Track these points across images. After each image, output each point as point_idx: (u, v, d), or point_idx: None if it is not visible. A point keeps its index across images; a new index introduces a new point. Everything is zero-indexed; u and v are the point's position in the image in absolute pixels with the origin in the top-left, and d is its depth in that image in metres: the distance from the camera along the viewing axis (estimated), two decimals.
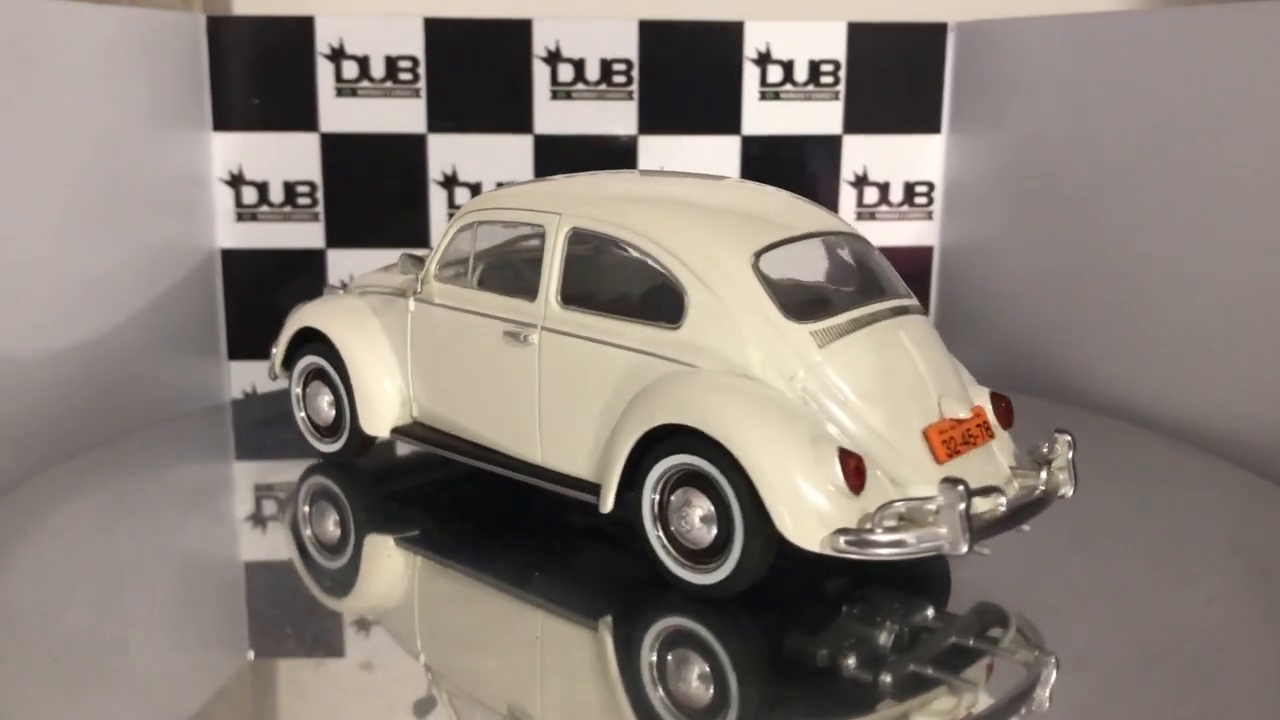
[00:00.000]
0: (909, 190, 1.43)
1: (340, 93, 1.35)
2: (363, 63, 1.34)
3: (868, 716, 0.64)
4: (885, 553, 0.69)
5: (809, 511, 0.70)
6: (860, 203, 1.42)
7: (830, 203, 1.42)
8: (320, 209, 1.38)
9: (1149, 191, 1.13)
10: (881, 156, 1.41)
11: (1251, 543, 0.88)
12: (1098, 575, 0.82)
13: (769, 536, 0.71)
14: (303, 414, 1.01)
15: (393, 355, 0.95)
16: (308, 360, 1.00)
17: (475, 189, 1.38)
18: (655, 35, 1.36)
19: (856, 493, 0.70)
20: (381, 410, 0.95)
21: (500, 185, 1.37)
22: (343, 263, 1.39)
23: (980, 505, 0.72)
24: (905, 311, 0.80)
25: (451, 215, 1.38)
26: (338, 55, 1.34)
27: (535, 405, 0.84)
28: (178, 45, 1.29)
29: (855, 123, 1.40)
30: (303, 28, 1.34)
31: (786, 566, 0.74)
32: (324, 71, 1.34)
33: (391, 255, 1.40)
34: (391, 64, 1.35)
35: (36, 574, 0.80)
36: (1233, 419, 1.05)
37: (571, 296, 0.83)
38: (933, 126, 1.41)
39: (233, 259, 1.38)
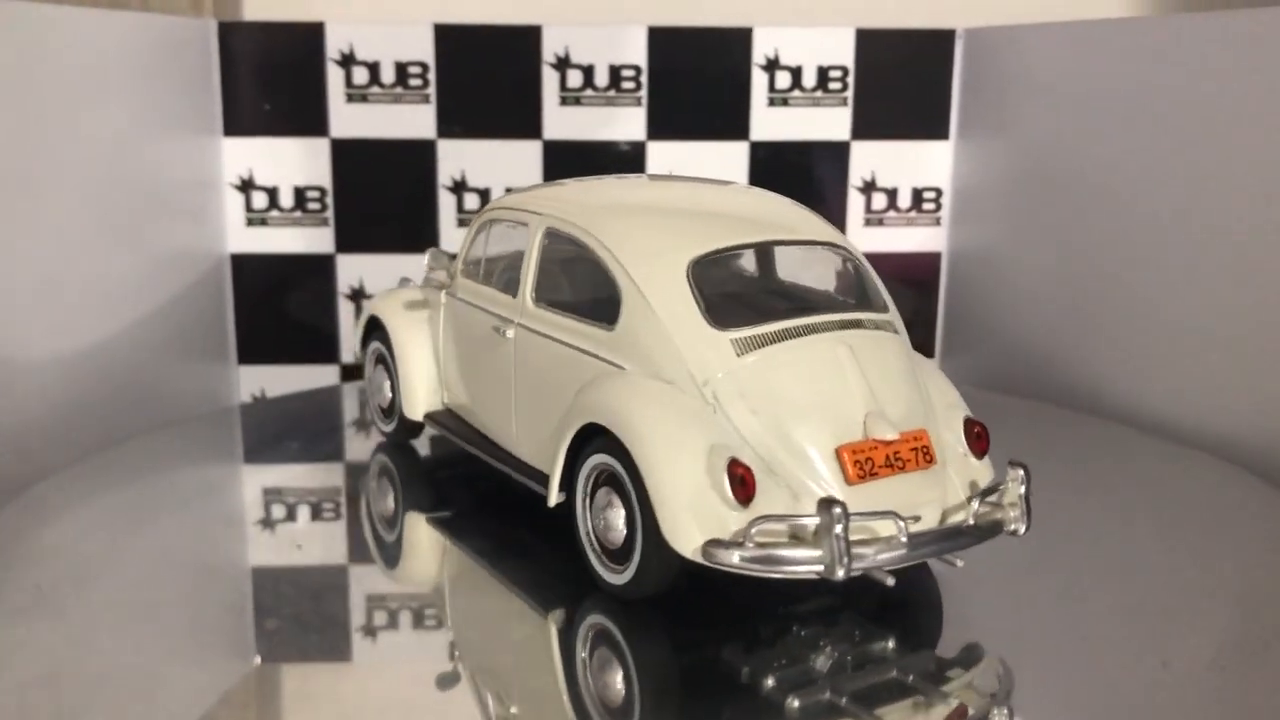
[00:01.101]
0: (917, 196, 1.43)
1: (350, 98, 1.36)
2: (373, 68, 1.35)
3: None
4: (754, 568, 0.67)
5: (688, 518, 0.69)
6: (868, 208, 1.43)
7: (838, 208, 1.42)
8: (330, 214, 1.38)
9: (1156, 197, 1.13)
10: (889, 162, 1.41)
11: (1257, 548, 0.88)
12: (1107, 606, 0.80)
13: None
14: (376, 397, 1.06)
15: (429, 345, 1.00)
16: (374, 345, 1.05)
17: (484, 194, 1.38)
18: (664, 41, 1.36)
19: (743, 504, 0.69)
20: (418, 396, 1.00)
21: (509, 190, 1.38)
22: (352, 267, 1.40)
23: (881, 530, 0.69)
24: (861, 326, 0.77)
25: (461, 220, 1.39)
26: (348, 61, 1.35)
27: (511, 398, 0.88)
28: (189, 51, 1.30)
29: (863, 128, 1.40)
30: (313, 34, 1.34)
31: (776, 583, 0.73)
32: (334, 77, 1.35)
33: (401, 260, 1.42)
34: (401, 70, 1.35)
35: (45, 576, 0.81)
36: (1239, 424, 1.04)
37: (543, 294, 0.86)
38: (940, 132, 1.41)
39: (242, 263, 1.39)
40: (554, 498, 0.80)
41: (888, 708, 0.65)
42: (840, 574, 0.66)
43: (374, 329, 1.05)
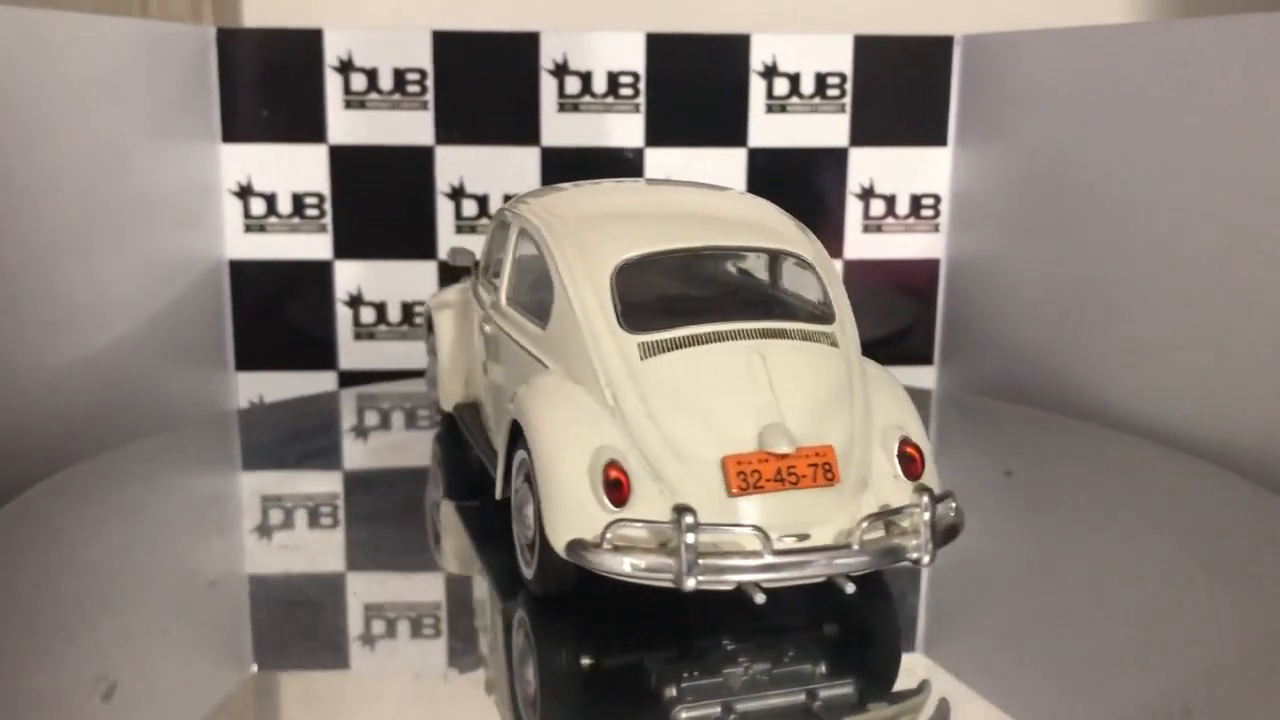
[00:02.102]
0: (915, 203, 1.43)
1: (349, 105, 1.36)
2: (371, 75, 1.35)
3: None
4: (607, 570, 0.68)
5: (562, 515, 0.70)
6: (867, 215, 1.43)
7: (837, 215, 1.42)
8: (328, 220, 1.38)
9: (1154, 203, 1.13)
10: (888, 169, 1.42)
11: (1256, 553, 0.88)
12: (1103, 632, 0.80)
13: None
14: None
15: (460, 341, 1.04)
16: (430, 339, 1.12)
17: (482, 200, 1.38)
18: (662, 48, 1.37)
19: (617, 506, 0.69)
20: (447, 389, 1.05)
21: (506, 196, 1.39)
22: (350, 274, 1.40)
23: (746, 544, 0.67)
24: (785, 335, 0.75)
25: (459, 227, 1.39)
26: (346, 67, 1.35)
27: (489, 391, 0.92)
28: (187, 57, 1.30)
29: (862, 135, 1.40)
30: (311, 40, 1.34)
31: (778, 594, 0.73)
32: (332, 83, 1.35)
33: (399, 267, 1.42)
34: (400, 76, 1.35)
35: (41, 579, 0.81)
36: (1237, 430, 1.04)
37: (513, 294, 0.89)
38: (939, 139, 1.41)
39: (241, 270, 1.39)
40: (499, 491, 0.82)
41: None
42: (690, 584, 0.66)
43: (430, 323, 1.11)
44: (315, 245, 1.39)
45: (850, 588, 0.69)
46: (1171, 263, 1.12)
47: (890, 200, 1.43)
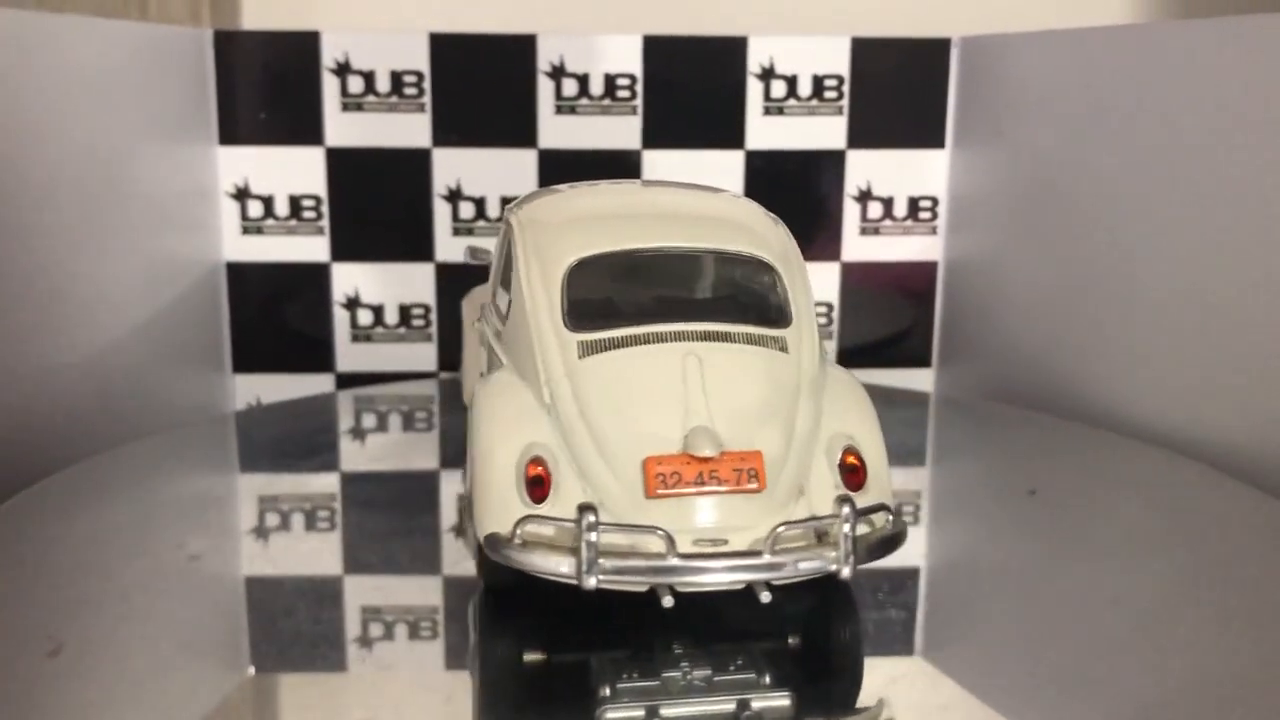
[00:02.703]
0: (913, 205, 1.43)
1: (346, 107, 1.36)
2: (368, 77, 1.35)
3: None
4: (515, 564, 0.68)
5: (486, 510, 0.71)
6: (864, 217, 1.43)
7: (834, 217, 1.42)
8: (325, 223, 1.38)
9: (1152, 205, 1.13)
10: (885, 171, 1.42)
11: (1257, 558, 0.88)
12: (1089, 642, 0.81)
13: None
14: None
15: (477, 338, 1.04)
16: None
17: (480, 203, 1.38)
18: (659, 50, 1.37)
19: (536, 502, 0.70)
20: (467, 384, 1.07)
21: (504, 198, 1.39)
22: (347, 276, 1.39)
23: (651, 545, 0.67)
24: (728, 339, 0.74)
25: (456, 229, 1.39)
26: (343, 70, 1.35)
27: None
28: (185, 60, 1.30)
29: (859, 138, 1.40)
30: (309, 43, 1.34)
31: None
32: (330, 86, 1.35)
33: (397, 269, 1.42)
34: (397, 79, 1.35)
35: (36, 582, 0.80)
36: (1238, 434, 1.04)
37: (501, 288, 0.89)
38: (937, 141, 1.41)
39: (238, 272, 1.38)
40: (463, 487, 0.83)
41: None
42: (590, 582, 0.66)
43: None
44: (312, 247, 1.39)
45: (766, 596, 0.68)
46: (1170, 264, 1.12)
47: (888, 203, 1.43)
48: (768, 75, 1.38)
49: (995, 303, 1.36)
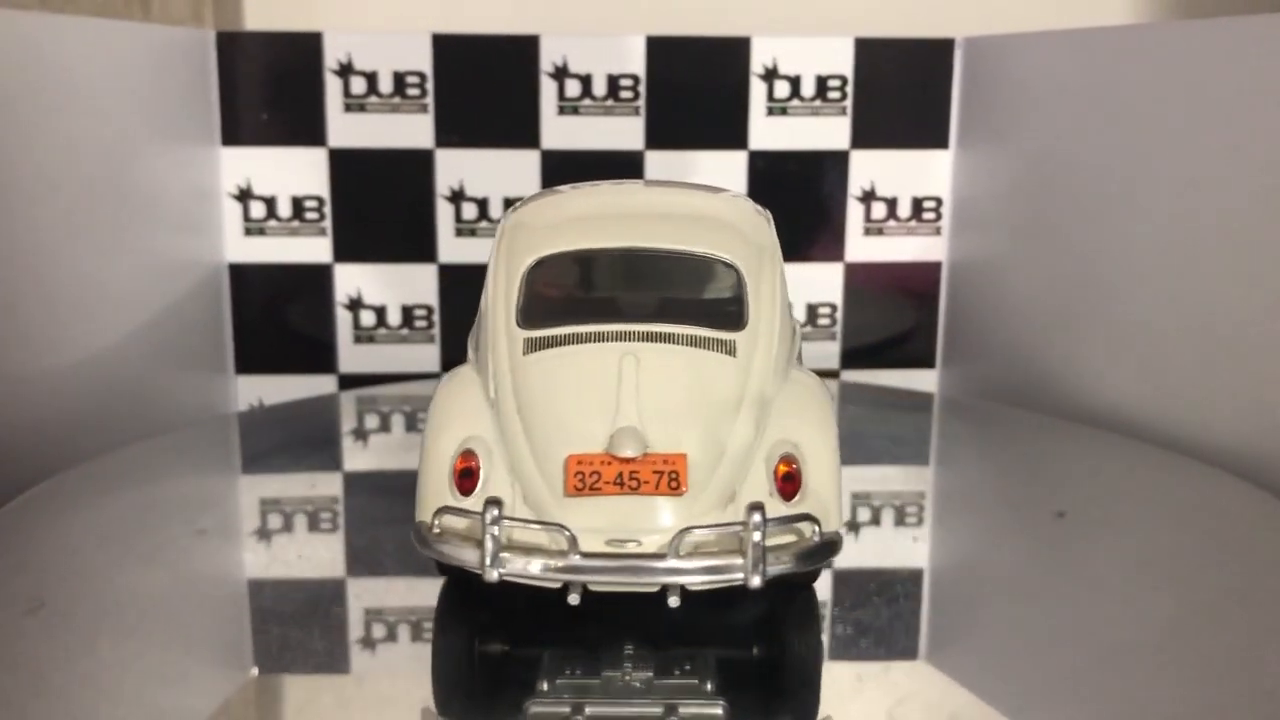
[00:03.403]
0: (917, 205, 1.43)
1: (348, 108, 1.36)
2: (371, 78, 1.35)
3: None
4: (430, 554, 0.70)
5: (420, 501, 0.72)
6: (868, 218, 1.42)
7: (838, 218, 1.42)
8: (328, 224, 1.38)
9: (1156, 205, 1.13)
10: (889, 172, 1.41)
11: (1262, 561, 0.88)
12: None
13: None
14: None
15: None
16: None
17: (482, 204, 1.38)
18: (662, 51, 1.36)
19: (464, 494, 0.71)
20: None
21: (509, 201, 1.39)
22: (350, 277, 1.39)
23: (551, 543, 0.68)
24: (671, 340, 0.74)
25: (459, 230, 1.39)
26: (346, 71, 1.35)
27: None
28: (187, 61, 1.30)
29: (863, 138, 1.40)
30: (311, 44, 1.34)
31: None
32: (332, 87, 1.35)
33: (399, 270, 1.42)
34: (399, 80, 1.35)
35: (38, 583, 0.80)
36: (1244, 435, 1.04)
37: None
38: (940, 142, 1.41)
39: (240, 273, 1.38)
40: None
41: None
42: (493, 575, 0.67)
43: None
44: (315, 248, 1.38)
45: (674, 601, 0.67)
46: (1175, 265, 1.11)
47: (892, 203, 1.42)
48: (771, 76, 1.38)
49: (999, 303, 1.36)
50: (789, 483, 0.70)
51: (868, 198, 1.42)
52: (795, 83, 1.38)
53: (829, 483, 0.72)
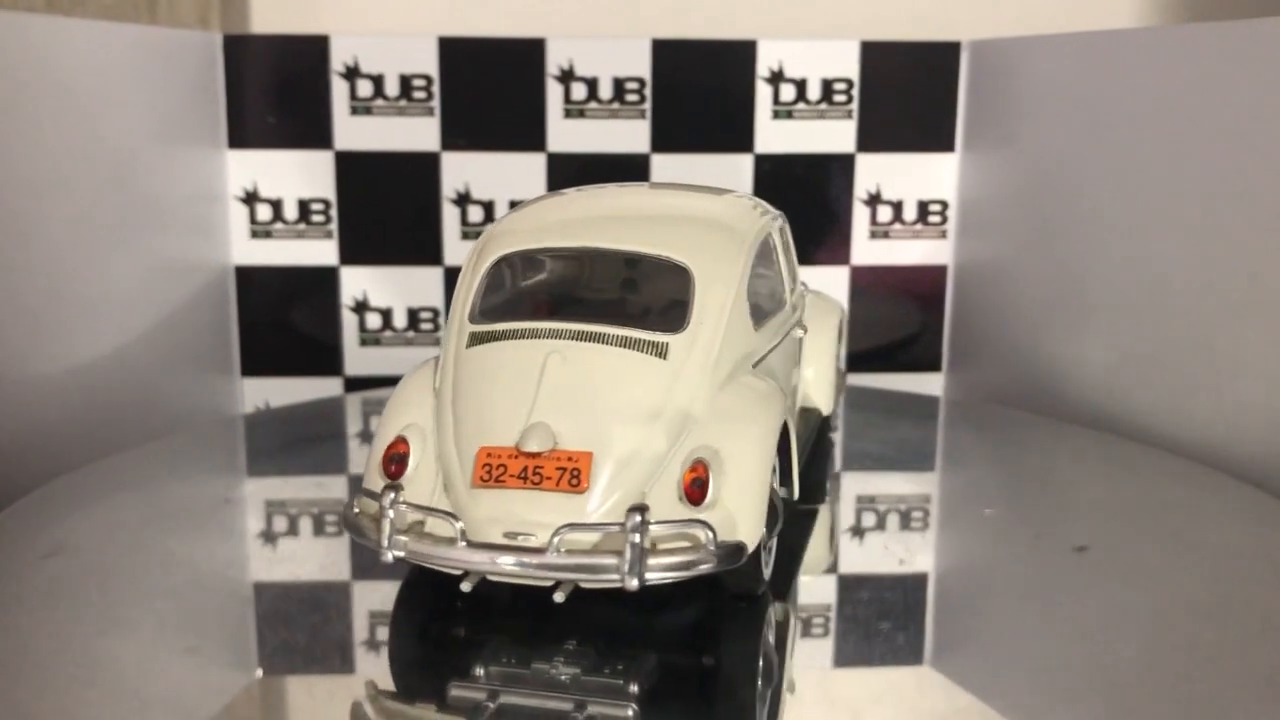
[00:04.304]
0: (923, 209, 1.43)
1: (355, 111, 1.36)
2: (377, 81, 1.35)
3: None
4: (349, 531, 0.74)
5: (364, 486, 0.76)
6: (874, 221, 1.42)
7: (844, 221, 1.42)
8: (334, 226, 1.38)
9: (1163, 209, 1.13)
10: (895, 175, 1.41)
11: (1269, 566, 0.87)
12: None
13: None
14: None
15: None
16: None
17: (488, 207, 1.38)
18: (668, 54, 1.36)
19: (393, 479, 0.73)
20: None
21: (512, 202, 1.39)
22: (356, 280, 1.40)
23: (442, 530, 0.70)
24: (602, 340, 0.74)
25: (465, 233, 1.39)
26: (352, 74, 1.35)
27: None
28: (194, 64, 1.30)
29: (869, 141, 1.40)
30: (318, 47, 1.35)
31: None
32: (339, 90, 1.35)
33: (405, 273, 1.42)
34: (406, 83, 1.35)
35: (42, 585, 0.80)
36: (1251, 440, 1.04)
37: None
38: (946, 145, 1.41)
39: (247, 275, 1.39)
40: None
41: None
42: (387, 557, 0.70)
43: None
44: (321, 251, 1.39)
45: (559, 596, 0.69)
46: (1182, 268, 1.11)
47: (897, 206, 1.42)
48: (777, 79, 1.38)
49: (1005, 307, 1.36)
50: (696, 489, 0.70)
51: (873, 201, 1.42)
52: (801, 86, 1.38)
53: (746, 493, 0.71)
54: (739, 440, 0.72)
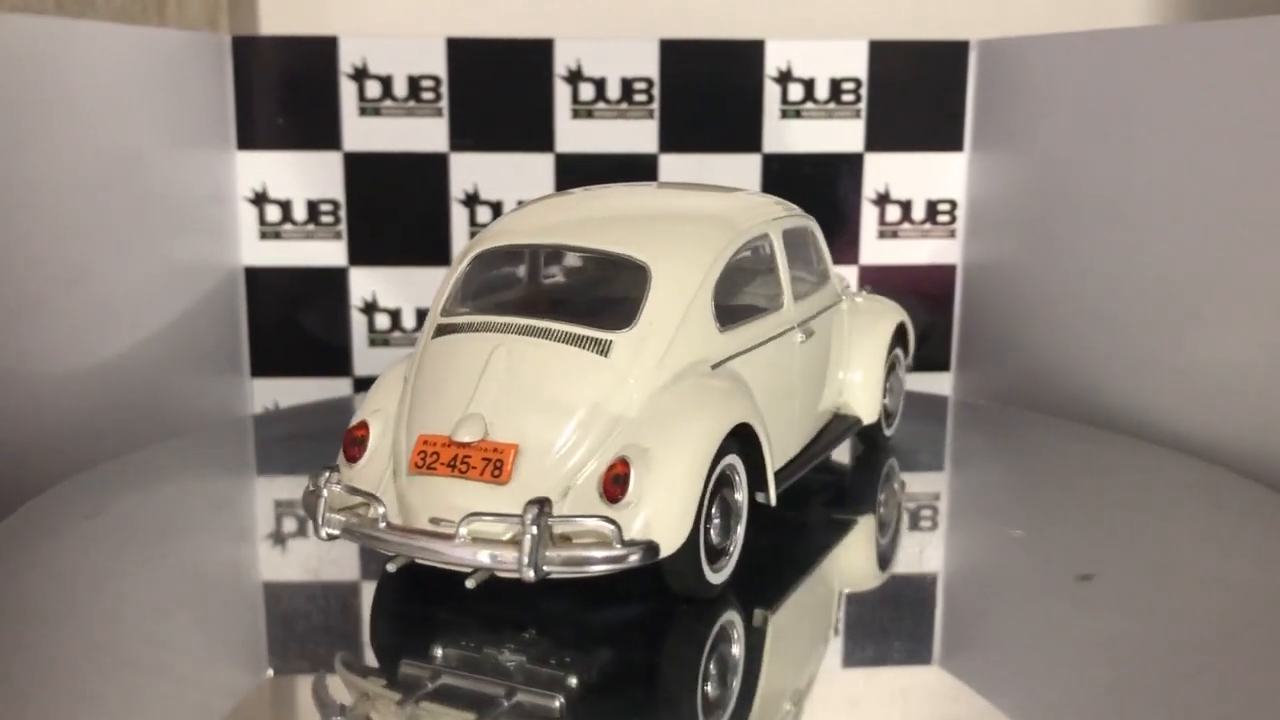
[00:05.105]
0: (931, 208, 1.42)
1: (363, 112, 1.36)
2: (386, 82, 1.35)
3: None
4: (306, 512, 0.76)
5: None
6: (882, 220, 1.42)
7: (852, 221, 1.41)
8: (343, 227, 1.38)
9: (1173, 208, 1.13)
10: (903, 174, 1.41)
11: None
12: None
13: None
14: None
15: None
16: None
17: (497, 207, 1.38)
18: (676, 54, 1.36)
19: (352, 461, 0.77)
20: None
21: (520, 203, 1.39)
22: (365, 281, 1.40)
23: (367, 512, 0.74)
24: (547, 335, 0.75)
25: (473, 234, 1.39)
26: (361, 75, 1.35)
27: None
28: (203, 65, 1.31)
29: (877, 141, 1.40)
30: (326, 48, 1.35)
31: None
32: (347, 91, 1.35)
33: (414, 273, 1.42)
34: (414, 84, 1.36)
35: (54, 585, 0.81)
36: (1260, 440, 1.03)
37: None
38: (955, 144, 1.41)
39: (256, 276, 1.39)
40: None
41: (454, 715, 0.66)
42: (321, 534, 0.74)
43: None
44: (330, 252, 1.39)
45: (470, 583, 0.71)
46: (1192, 267, 1.11)
47: (906, 206, 1.42)
48: (785, 78, 1.38)
49: (1014, 306, 1.35)
50: (615, 486, 0.70)
51: (882, 200, 1.42)
52: (809, 85, 1.38)
53: (670, 492, 0.71)
54: (670, 439, 0.72)
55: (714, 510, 0.76)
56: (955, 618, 0.79)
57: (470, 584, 0.71)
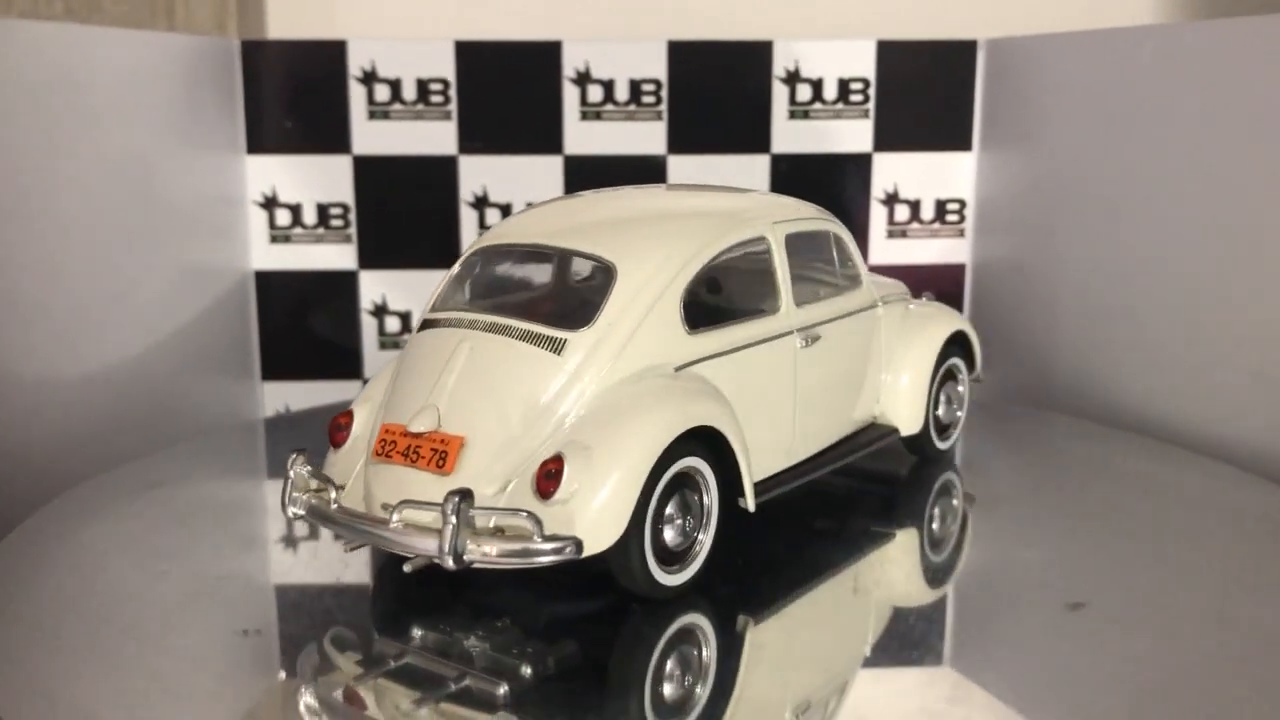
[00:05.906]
0: (940, 208, 1.42)
1: (372, 115, 1.36)
2: (394, 85, 1.36)
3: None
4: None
5: None
6: (891, 220, 1.42)
7: (861, 220, 1.41)
8: (353, 230, 1.39)
9: (1182, 206, 1.12)
10: (912, 174, 1.41)
11: None
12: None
13: None
14: None
15: None
16: None
17: (506, 210, 1.39)
18: (684, 55, 1.36)
19: (336, 447, 0.82)
20: None
21: (529, 205, 1.39)
22: (375, 284, 1.40)
23: (327, 495, 0.77)
24: (506, 332, 0.77)
25: (482, 235, 1.39)
26: (370, 78, 1.36)
27: None
28: (213, 69, 1.31)
29: (885, 140, 1.40)
30: (335, 51, 1.35)
31: None
32: (356, 94, 1.36)
33: (424, 276, 1.42)
34: (423, 87, 1.36)
35: (65, 589, 0.81)
36: (1273, 438, 1.03)
37: None
38: (963, 144, 1.41)
39: (266, 280, 1.39)
40: None
41: (402, 692, 0.68)
42: (288, 513, 0.78)
43: None
44: (340, 255, 1.39)
45: (407, 567, 0.75)
46: (1199, 265, 1.11)
47: (915, 205, 1.42)
48: (793, 79, 1.38)
49: (1023, 305, 1.35)
50: (547, 481, 0.71)
51: (891, 200, 1.42)
52: (818, 86, 1.38)
53: (605, 490, 0.71)
54: (611, 437, 0.73)
55: (671, 511, 0.76)
56: (965, 619, 0.79)
57: (407, 568, 0.75)
